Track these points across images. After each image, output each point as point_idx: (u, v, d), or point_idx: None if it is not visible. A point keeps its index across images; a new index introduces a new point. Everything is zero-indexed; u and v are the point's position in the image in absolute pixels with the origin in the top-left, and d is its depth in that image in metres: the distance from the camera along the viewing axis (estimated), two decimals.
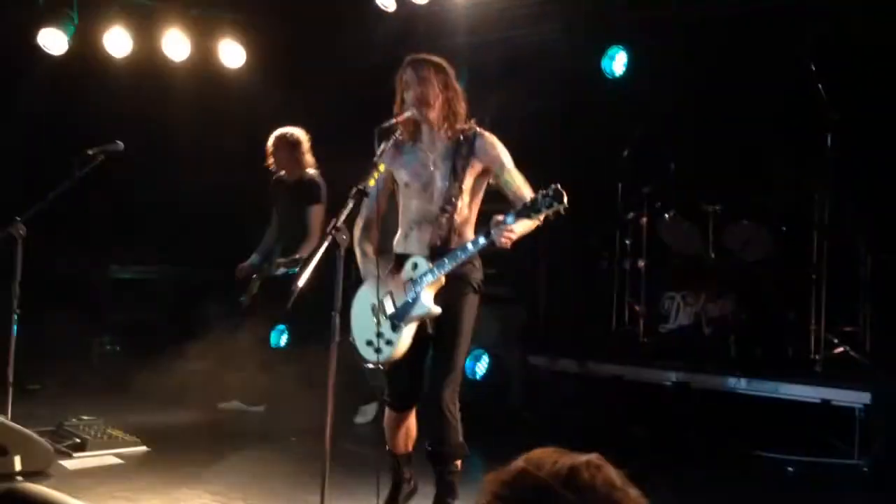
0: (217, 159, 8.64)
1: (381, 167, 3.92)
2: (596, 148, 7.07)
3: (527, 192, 3.71)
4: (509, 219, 3.51)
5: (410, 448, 4.10)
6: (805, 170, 5.86)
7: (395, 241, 3.97)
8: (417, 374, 3.90)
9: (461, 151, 3.80)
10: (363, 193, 3.72)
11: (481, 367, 6.54)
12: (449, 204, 3.76)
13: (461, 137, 3.83)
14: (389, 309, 3.78)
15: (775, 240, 6.00)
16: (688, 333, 6.16)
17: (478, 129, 3.89)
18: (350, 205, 3.66)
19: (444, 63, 3.97)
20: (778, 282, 6.06)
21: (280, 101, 7.84)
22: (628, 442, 5.22)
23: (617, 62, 7.25)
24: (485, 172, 3.87)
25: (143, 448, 5.15)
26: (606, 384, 6.07)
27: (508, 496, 1.30)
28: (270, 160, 6.41)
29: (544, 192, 3.49)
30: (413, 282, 3.73)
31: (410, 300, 3.73)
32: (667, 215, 6.48)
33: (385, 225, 4.17)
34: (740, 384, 5.41)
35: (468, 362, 6.28)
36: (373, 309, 3.80)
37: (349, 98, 8.35)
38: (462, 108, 3.88)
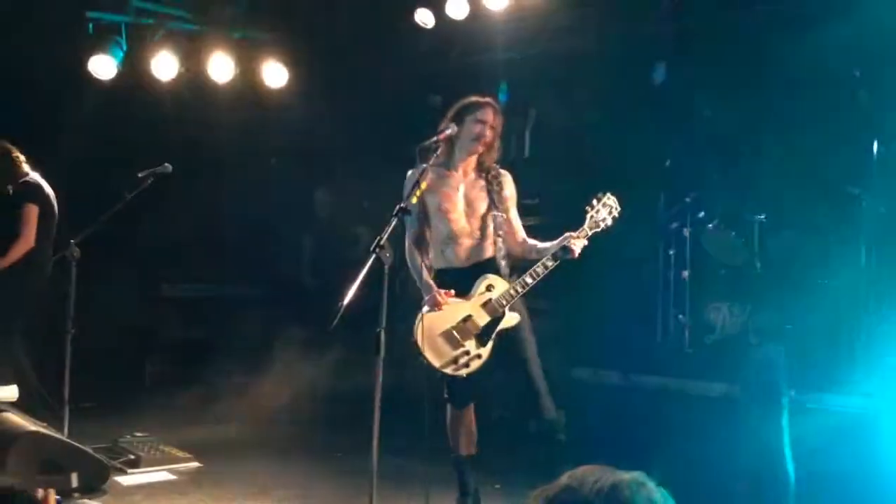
0: (261, 178, 8.80)
1: (424, 185, 4.03)
2: (637, 158, 7.04)
3: (521, 234, 4.33)
4: (581, 232, 4.09)
5: (473, 450, 4.32)
6: (851, 176, 5.77)
7: (431, 258, 4.27)
8: (477, 374, 4.17)
9: (494, 186, 4.25)
10: (405, 211, 3.83)
11: None
12: (500, 229, 4.19)
13: (491, 174, 4.27)
14: (475, 329, 4.07)
15: (822, 248, 5.91)
16: (734, 344, 6.09)
17: (499, 168, 4.35)
18: (393, 223, 3.75)
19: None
20: (825, 291, 5.95)
21: (322, 118, 7.96)
22: (673, 456, 5.17)
23: (657, 72, 7.23)
24: (504, 206, 4.30)
25: (196, 464, 5.25)
26: (651, 396, 6.03)
27: None
28: None
29: (602, 201, 4.16)
30: (494, 302, 4.08)
31: (495, 318, 4.08)
32: (710, 225, 6.42)
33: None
34: (791, 396, 5.32)
35: None
36: (450, 333, 4.07)
37: (390, 114, 8.45)
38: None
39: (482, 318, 4.08)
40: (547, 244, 4.19)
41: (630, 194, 6.37)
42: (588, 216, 4.12)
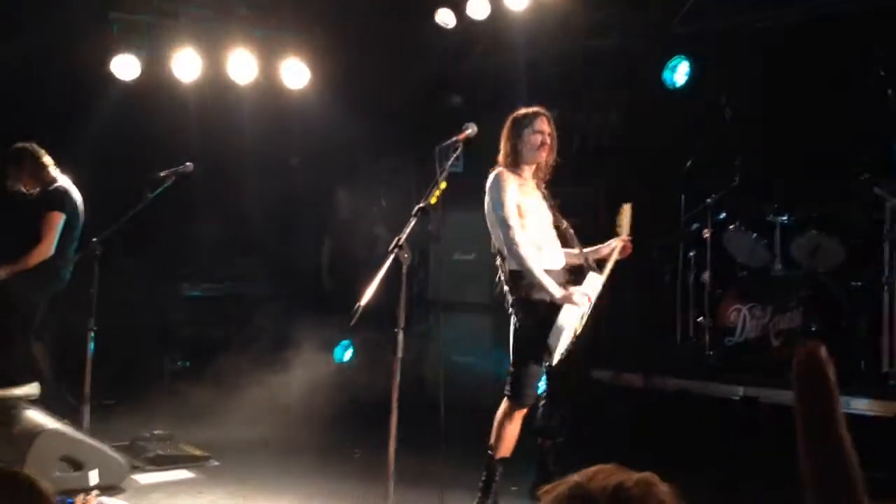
0: (281, 178, 8.83)
1: (443, 185, 4.02)
2: (658, 159, 7.01)
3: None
4: (625, 234, 4.48)
5: (509, 454, 4.33)
6: (875, 177, 5.69)
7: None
8: None
9: (549, 198, 4.51)
10: (425, 212, 3.84)
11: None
12: (574, 236, 4.48)
13: (545, 188, 4.52)
14: (581, 323, 4.34)
15: (845, 250, 5.84)
16: (755, 346, 6.03)
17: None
18: (412, 223, 3.76)
19: None
20: (848, 293, 5.89)
21: (342, 119, 7.98)
22: (693, 457, 5.13)
23: (679, 72, 7.18)
24: None
25: (214, 462, 5.28)
26: (672, 398, 5.99)
27: None
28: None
29: (628, 210, 4.54)
30: (594, 298, 4.34)
31: (586, 311, 4.31)
32: (731, 226, 6.37)
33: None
34: None
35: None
36: (573, 328, 4.26)
37: (410, 114, 8.46)
38: None
39: (586, 312, 4.32)
40: (592, 248, 4.55)
41: (651, 195, 6.40)
42: (622, 223, 4.53)
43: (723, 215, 6.53)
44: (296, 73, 7.64)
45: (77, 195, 5.70)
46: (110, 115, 7.33)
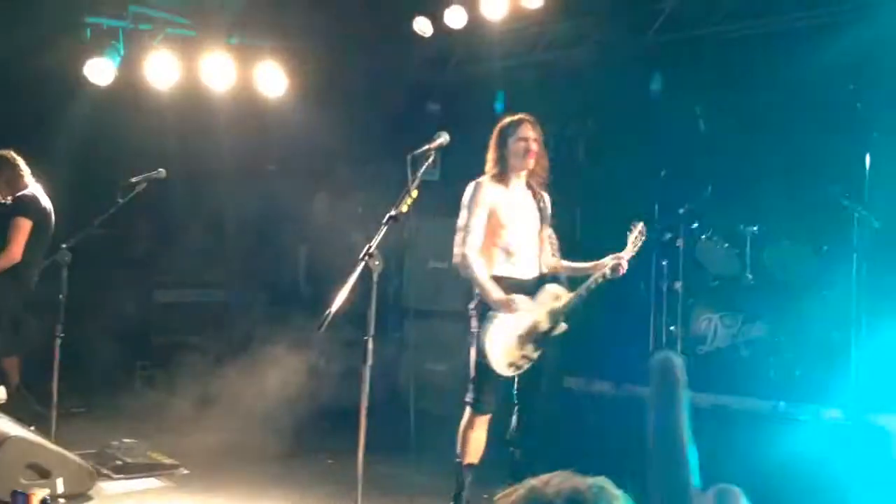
0: (257, 184, 8.80)
1: (415, 194, 4.03)
2: (632, 169, 7.05)
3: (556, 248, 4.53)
4: (626, 254, 4.36)
5: (477, 461, 4.37)
6: (844, 188, 5.77)
7: (494, 267, 4.38)
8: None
9: (540, 203, 4.51)
10: (396, 219, 3.84)
11: None
12: (553, 244, 4.48)
13: (537, 190, 4.52)
14: (536, 335, 4.29)
15: (815, 261, 5.91)
16: (725, 356, 6.09)
17: (543, 191, 4.57)
18: (383, 231, 3.77)
19: None
20: (818, 303, 5.95)
21: (320, 126, 7.97)
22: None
23: (654, 82, 7.24)
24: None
25: (183, 470, 5.24)
26: (643, 406, 6.00)
27: None
28: None
29: (641, 229, 4.44)
30: (558, 310, 4.32)
31: (552, 325, 4.31)
32: (703, 236, 6.43)
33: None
34: (780, 408, 5.32)
35: None
36: (519, 337, 4.26)
37: (388, 122, 8.46)
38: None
39: (545, 325, 4.30)
40: (581, 264, 4.50)
41: (625, 204, 6.44)
42: (633, 242, 4.40)
43: (695, 225, 6.59)
44: (273, 80, 7.62)
45: (46, 202, 5.69)
46: (84, 120, 7.28)
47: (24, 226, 5.55)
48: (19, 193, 5.63)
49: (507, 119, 4.48)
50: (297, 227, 8.91)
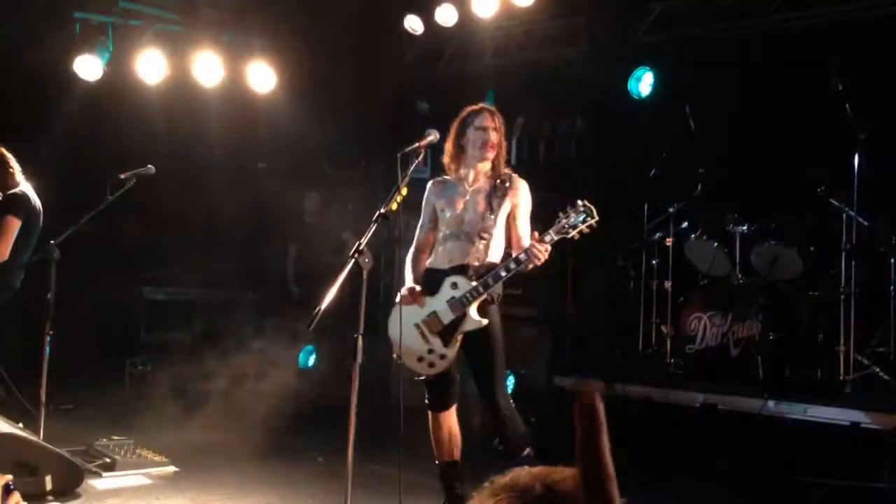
0: (247, 182, 8.78)
1: (404, 191, 4.04)
2: (622, 168, 7.07)
3: (525, 242, 4.16)
4: (547, 237, 3.96)
5: (457, 456, 4.30)
6: (832, 189, 5.81)
7: (428, 261, 4.35)
8: (455, 377, 4.28)
9: (497, 192, 4.24)
10: (385, 217, 3.85)
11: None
12: (486, 232, 4.19)
13: (499, 180, 4.27)
14: (438, 326, 4.14)
15: (803, 260, 5.94)
16: (715, 355, 6.11)
17: (513, 174, 4.33)
18: (373, 228, 3.78)
19: None
20: (806, 302, 5.99)
21: (309, 123, 7.95)
22: (654, 465, 5.17)
23: (643, 83, 7.26)
24: (511, 212, 4.28)
25: (172, 468, 5.22)
26: (633, 406, 6.03)
27: (500, 496, 1.54)
28: None
29: (576, 208, 3.98)
30: (457, 300, 4.11)
31: (458, 317, 4.11)
32: (693, 236, 6.45)
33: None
34: (768, 406, 5.35)
35: None
36: (417, 328, 4.17)
37: (378, 120, 8.46)
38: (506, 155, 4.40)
39: (446, 316, 4.13)
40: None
41: (614, 204, 6.45)
42: (557, 221, 3.97)
43: (685, 224, 6.62)
44: (263, 77, 7.61)
45: (37, 201, 5.59)
46: (73, 115, 7.24)
47: (13, 224, 5.42)
48: (10, 191, 5.53)
49: (468, 108, 4.35)
50: (287, 225, 8.89)
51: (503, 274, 4.05)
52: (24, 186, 5.57)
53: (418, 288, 4.24)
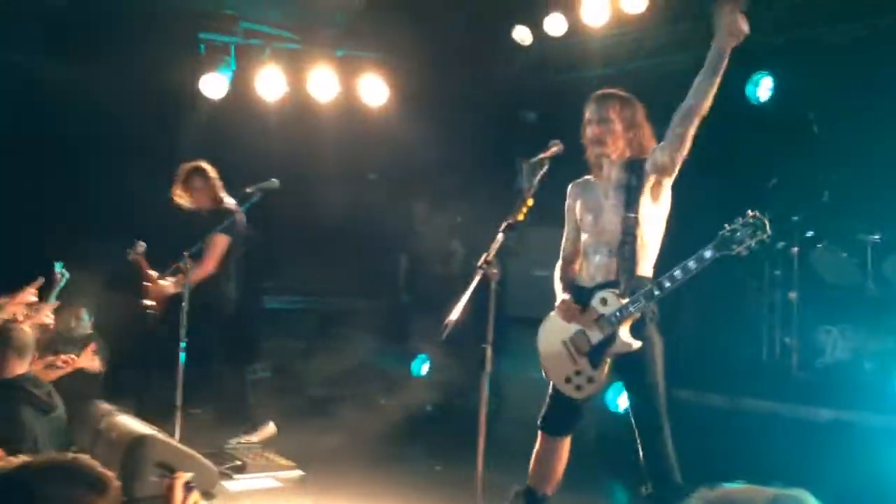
0: (359, 193, 8.95)
1: (530, 202, 3.95)
2: (742, 176, 6.88)
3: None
4: (707, 253, 3.50)
5: (550, 491, 4.04)
6: None
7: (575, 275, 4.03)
8: (584, 407, 3.93)
9: (632, 180, 3.77)
10: (512, 227, 3.81)
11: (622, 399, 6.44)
12: (629, 235, 3.74)
13: (632, 165, 3.81)
14: (586, 346, 3.80)
15: None
16: (847, 369, 5.86)
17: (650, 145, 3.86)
18: (500, 239, 3.73)
19: (632, 98, 4.01)
20: None
21: (419, 135, 8.06)
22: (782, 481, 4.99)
23: (762, 88, 7.05)
24: (657, 183, 3.80)
25: (299, 472, 5.34)
26: (756, 420, 5.84)
27: None
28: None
29: (743, 220, 3.48)
30: (605, 318, 3.72)
31: (607, 337, 3.73)
32: (819, 245, 6.21)
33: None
34: None
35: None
36: (565, 345, 3.86)
37: (485, 130, 8.49)
38: (649, 142, 3.91)
39: (594, 335, 3.76)
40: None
41: (733, 213, 6.28)
42: (720, 236, 3.51)
43: (810, 233, 6.38)
44: (375, 91, 7.78)
45: (242, 216, 5.80)
46: (200, 132, 7.55)
47: (221, 241, 5.66)
48: (222, 207, 5.74)
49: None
50: (398, 235, 9.02)
51: (657, 293, 3.61)
52: (230, 201, 5.81)
53: (572, 301, 3.82)
